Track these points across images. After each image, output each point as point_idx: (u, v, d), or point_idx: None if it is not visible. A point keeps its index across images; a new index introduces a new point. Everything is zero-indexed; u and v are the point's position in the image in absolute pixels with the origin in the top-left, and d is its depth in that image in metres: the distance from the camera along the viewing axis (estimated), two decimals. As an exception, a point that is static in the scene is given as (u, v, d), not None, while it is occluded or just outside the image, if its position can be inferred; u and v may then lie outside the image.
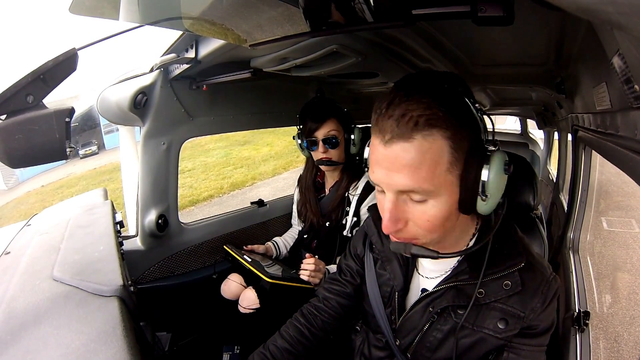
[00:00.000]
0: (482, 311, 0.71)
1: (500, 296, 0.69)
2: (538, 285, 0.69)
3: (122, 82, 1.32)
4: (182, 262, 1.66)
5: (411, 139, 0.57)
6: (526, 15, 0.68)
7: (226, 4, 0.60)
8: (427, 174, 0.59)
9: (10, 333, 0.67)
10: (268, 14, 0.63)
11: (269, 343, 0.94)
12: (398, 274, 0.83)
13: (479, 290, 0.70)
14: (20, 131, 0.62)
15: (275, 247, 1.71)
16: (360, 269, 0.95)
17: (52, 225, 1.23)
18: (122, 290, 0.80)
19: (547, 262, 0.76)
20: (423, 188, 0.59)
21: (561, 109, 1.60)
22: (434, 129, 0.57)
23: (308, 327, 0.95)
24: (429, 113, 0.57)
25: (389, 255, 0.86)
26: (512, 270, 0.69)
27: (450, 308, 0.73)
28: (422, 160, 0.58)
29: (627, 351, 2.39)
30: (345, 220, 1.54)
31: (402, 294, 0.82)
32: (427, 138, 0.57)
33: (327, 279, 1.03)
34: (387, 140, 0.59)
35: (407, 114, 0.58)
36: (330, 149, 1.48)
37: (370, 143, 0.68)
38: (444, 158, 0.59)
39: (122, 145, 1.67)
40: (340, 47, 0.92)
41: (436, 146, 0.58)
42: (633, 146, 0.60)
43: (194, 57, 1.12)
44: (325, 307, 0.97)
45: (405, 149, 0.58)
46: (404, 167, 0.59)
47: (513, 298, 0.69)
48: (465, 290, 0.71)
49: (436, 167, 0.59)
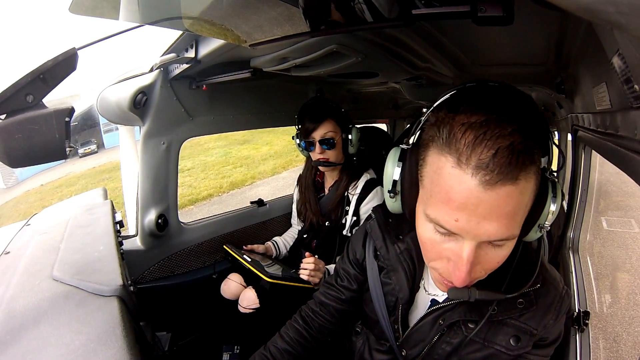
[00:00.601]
0: (494, 326, 0.68)
1: (512, 314, 0.67)
2: (551, 302, 0.67)
3: (122, 81, 1.32)
4: (182, 262, 1.66)
5: (518, 180, 0.47)
6: (526, 15, 0.68)
7: (226, 4, 0.60)
8: (521, 219, 0.51)
9: (10, 333, 0.67)
10: (268, 14, 0.63)
11: (270, 344, 0.93)
12: (404, 286, 0.78)
13: (493, 307, 0.67)
14: (20, 131, 0.61)
15: (275, 247, 1.71)
16: (359, 274, 0.91)
17: (51, 225, 1.23)
18: (121, 290, 0.80)
19: (559, 277, 0.72)
20: (514, 235, 0.51)
21: (561, 108, 1.60)
22: (532, 166, 0.48)
23: (307, 329, 0.95)
24: (530, 147, 0.48)
25: (395, 264, 0.81)
26: (527, 291, 0.66)
27: (461, 322, 0.70)
28: (520, 205, 0.49)
29: (626, 351, 2.40)
30: (345, 219, 1.54)
31: (406, 306, 0.79)
32: (528, 178, 0.48)
33: (324, 283, 1.01)
34: (493, 181, 0.46)
35: (515, 147, 0.46)
36: (327, 150, 1.49)
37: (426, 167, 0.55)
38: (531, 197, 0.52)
39: (121, 145, 1.67)
40: (340, 47, 0.91)
41: (531, 186, 0.50)
42: (633, 146, 0.60)
43: (193, 57, 1.12)
44: (321, 312, 0.96)
45: (511, 194, 0.47)
46: (505, 215, 0.48)
47: (526, 315, 0.67)
48: (479, 305, 0.68)
49: (526, 209, 0.52)
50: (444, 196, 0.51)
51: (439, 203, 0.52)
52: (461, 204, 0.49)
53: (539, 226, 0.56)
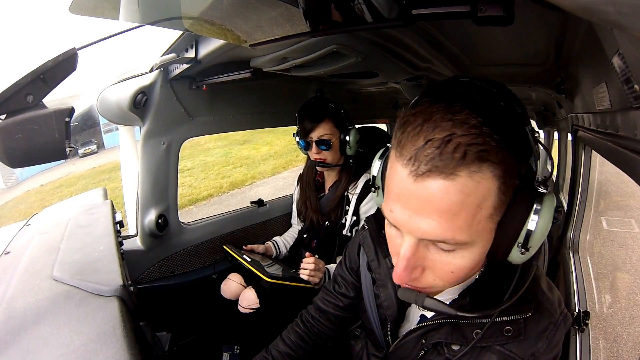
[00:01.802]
0: (477, 352, 0.63)
1: (498, 341, 0.60)
2: (543, 330, 0.60)
3: (122, 81, 1.32)
4: (182, 262, 1.66)
5: (454, 175, 0.44)
6: (526, 15, 0.68)
7: (226, 4, 0.60)
8: (465, 222, 0.46)
9: (10, 333, 0.67)
10: (268, 14, 0.63)
11: (271, 347, 0.94)
12: (392, 303, 0.75)
13: (476, 331, 0.62)
14: (20, 131, 0.62)
15: (275, 247, 1.71)
16: (356, 282, 0.90)
17: (51, 225, 1.23)
18: (122, 290, 0.80)
19: (558, 300, 0.64)
20: (456, 239, 0.47)
21: (561, 108, 1.60)
22: (484, 164, 0.44)
23: (307, 333, 0.96)
24: (481, 141, 0.43)
25: (385, 279, 0.78)
26: (517, 318, 0.60)
27: (444, 344, 0.66)
28: (463, 205, 0.45)
29: (626, 351, 2.40)
30: (345, 219, 1.54)
31: (394, 323, 0.77)
32: (474, 176, 0.44)
33: (322, 289, 1.01)
34: (420, 172, 0.45)
35: (454, 139, 0.43)
36: (324, 151, 1.49)
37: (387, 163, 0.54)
38: (489, 202, 0.47)
39: (121, 145, 1.67)
40: (340, 47, 0.92)
41: (483, 187, 0.45)
42: (633, 146, 0.60)
43: (193, 57, 1.12)
44: (320, 318, 0.96)
45: (445, 189, 0.44)
46: (438, 212, 0.45)
47: (512, 343, 0.60)
48: (461, 327, 0.64)
49: (477, 213, 0.46)
50: (387, 188, 0.52)
51: (386, 195, 0.53)
52: (396, 194, 0.49)
53: (524, 248, 0.50)
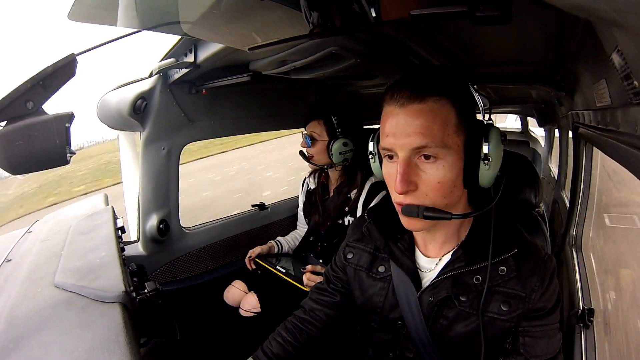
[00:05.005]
0: (484, 297, 0.72)
1: (497, 281, 0.72)
2: (534, 266, 0.72)
3: (121, 87, 1.33)
4: (184, 267, 1.66)
5: (424, 101, 0.65)
6: (524, 13, 0.68)
7: (224, 8, 0.60)
8: (438, 131, 0.65)
9: (12, 340, 0.67)
10: (266, 17, 0.63)
11: (261, 349, 0.91)
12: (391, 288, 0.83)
13: (476, 277, 0.73)
14: (20, 137, 0.62)
15: (277, 246, 1.71)
16: (343, 276, 0.93)
17: (53, 232, 1.23)
18: (124, 296, 0.79)
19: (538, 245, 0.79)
20: (435, 142, 0.65)
21: (561, 106, 1.60)
22: (443, 95, 0.66)
23: (292, 342, 0.91)
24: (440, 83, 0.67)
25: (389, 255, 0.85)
26: (506, 257, 0.73)
27: (453, 297, 0.75)
28: (434, 119, 0.65)
29: (633, 347, 2.38)
30: (349, 222, 1.54)
31: None
32: (437, 102, 0.66)
33: (314, 289, 0.99)
34: (401, 103, 0.66)
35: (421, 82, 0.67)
36: (309, 148, 1.56)
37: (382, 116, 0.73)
38: (452, 120, 0.67)
39: (122, 151, 1.67)
40: (339, 49, 0.92)
41: (445, 109, 0.66)
42: (633, 142, 0.60)
43: (193, 62, 1.12)
44: (311, 319, 0.94)
45: (419, 109, 0.65)
46: (419, 126, 0.65)
47: (511, 282, 0.72)
48: (462, 278, 0.75)
49: (446, 126, 0.66)
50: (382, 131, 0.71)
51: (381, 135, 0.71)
52: (388, 126, 0.69)
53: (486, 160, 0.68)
